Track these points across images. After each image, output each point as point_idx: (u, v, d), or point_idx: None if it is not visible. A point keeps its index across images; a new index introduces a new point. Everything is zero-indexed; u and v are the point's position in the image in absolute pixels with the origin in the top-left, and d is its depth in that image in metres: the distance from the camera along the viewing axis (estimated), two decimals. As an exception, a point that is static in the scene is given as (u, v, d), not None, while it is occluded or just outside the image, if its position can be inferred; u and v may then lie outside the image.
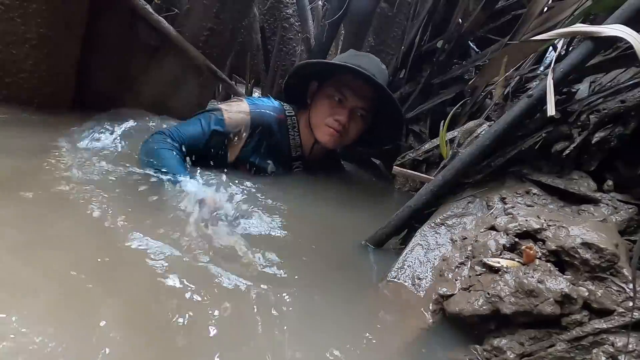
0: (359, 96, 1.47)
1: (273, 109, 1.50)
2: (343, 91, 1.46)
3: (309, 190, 1.49)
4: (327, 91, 1.49)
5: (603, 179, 0.92)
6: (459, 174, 1.01)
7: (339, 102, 1.47)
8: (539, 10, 1.45)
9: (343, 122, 1.46)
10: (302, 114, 1.56)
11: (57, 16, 1.56)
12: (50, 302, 0.65)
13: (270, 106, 1.51)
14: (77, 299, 0.67)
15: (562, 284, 0.69)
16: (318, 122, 1.50)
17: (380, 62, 1.57)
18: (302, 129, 1.55)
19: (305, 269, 0.94)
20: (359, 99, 1.47)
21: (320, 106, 1.50)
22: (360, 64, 1.44)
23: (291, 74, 1.57)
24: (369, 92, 1.47)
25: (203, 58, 1.98)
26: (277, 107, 1.52)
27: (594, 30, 0.88)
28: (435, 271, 0.89)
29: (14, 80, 1.56)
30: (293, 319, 0.76)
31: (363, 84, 1.45)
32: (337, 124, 1.46)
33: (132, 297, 0.71)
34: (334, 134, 1.47)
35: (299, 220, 1.22)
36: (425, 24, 1.86)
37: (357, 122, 1.51)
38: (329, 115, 1.47)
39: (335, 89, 1.47)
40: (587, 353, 0.66)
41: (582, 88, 1.19)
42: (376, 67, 1.51)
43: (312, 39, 2.44)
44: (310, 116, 1.53)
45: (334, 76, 1.49)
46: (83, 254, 0.80)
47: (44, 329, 0.59)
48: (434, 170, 1.42)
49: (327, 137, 1.49)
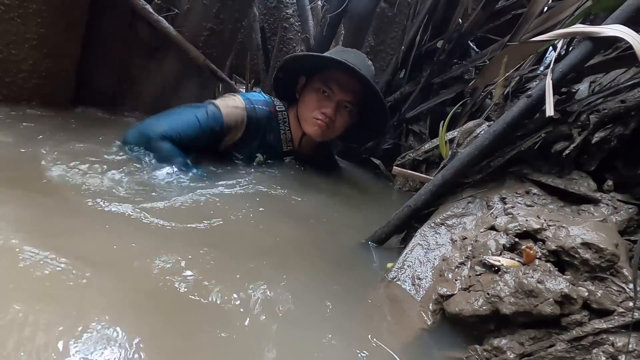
0: (346, 90, 1.51)
1: (265, 104, 1.55)
2: (330, 85, 1.50)
3: (308, 190, 1.49)
4: (315, 85, 1.53)
5: (603, 179, 0.92)
6: (458, 173, 1.01)
7: (325, 96, 1.51)
8: (539, 10, 1.45)
9: (329, 115, 1.50)
10: (291, 109, 1.61)
11: (57, 16, 1.56)
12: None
13: (263, 101, 1.55)
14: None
15: (561, 284, 0.69)
16: (306, 115, 1.54)
17: (366, 58, 1.61)
18: (292, 122, 1.60)
19: (305, 268, 0.94)
20: (345, 92, 1.51)
21: (308, 100, 1.54)
22: (347, 59, 1.47)
23: (279, 68, 1.60)
24: (355, 86, 1.51)
25: (203, 58, 1.98)
26: (268, 101, 1.57)
27: (593, 31, 0.88)
28: (435, 271, 0.89)
29: (14, 80, 1.56)
30: (292, 318, 0.76)
31: (349, 78, 1.49)
32: (323, 116, 1.50)
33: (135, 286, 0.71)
34: (322, 125, 1.51)
35: (299, 220, 1.22)
36: (425, 24, 1.86)
37: (343, 115, 1.55)
38: (316, 108, 1.51)
39: (322, 82, 1.51)
40: (587, 353, 0.66)
41: (582, 88, 1.19)
42: (362, 62, 1.55)
43: (312, 39, 2.44)
44: (299, 110, 1.58)
45: (321, 71, 1.53)
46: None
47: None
48: (434, 170, 1.42)
49: (314, 128, 1.53)
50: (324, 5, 2.89)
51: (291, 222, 1.18)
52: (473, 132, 1.31)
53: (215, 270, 0.83)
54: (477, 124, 1.35)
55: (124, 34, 1.89)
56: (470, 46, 1.98)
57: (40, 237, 0.76)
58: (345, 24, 2.42)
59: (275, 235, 1.07)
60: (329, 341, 0.74)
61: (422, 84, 1.86)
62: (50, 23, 1.55)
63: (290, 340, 0.71)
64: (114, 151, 1.35)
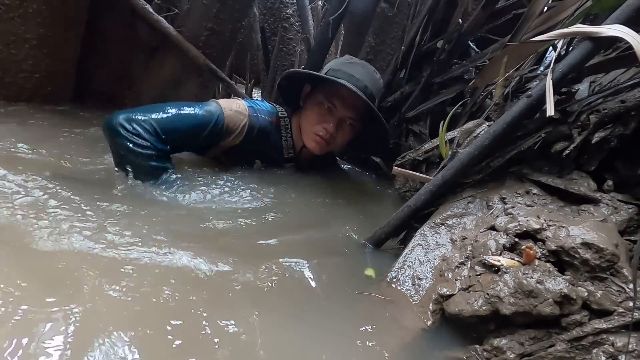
0: (348, 106, 1.47)
1: (268, 114, 1.51)
2: (333, 100, 1.47)
3: (307, 190, 1.49)
4: (318, 98, 1.50)
5: (603, 179, 0.92)
6: (458, 174, 1.01)
7: (328, 111, 1.48)
8: (539, 10, 1.44)
9: (331, 131, 1.47)
10: (295, 116, 1.58)
11: (57, 16, 1.56)
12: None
13: (266, 110, 1.52)
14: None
15: (561, 285, 0.69)
16: (307, 128, 1.51)
17: (375, 71, 1.57)
18: (295, 130, 1.57)
19: (303, 268, 0.94)
20: (348, 108, 1.48)
21: (310, 112, 1.51)
22: (354, 73, 1.45)
23: (282, 78, 1.57)
24: (359, 102, 1.46)
25: (203, 58, 1.98)
26: (271, 111, 1.53)
27: (593, 31, 0.88)
28: (435, 271, 0.89)
29: (14, 80, 1.56)
30: (292, 318, 0.76)
31: (352, 94, 1.44)
32: (324, 132, 1.47)
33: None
34: (321, 142, 1.49)
35: (298, 220, 1.22)
36: (425, 23, 1.86)
37: (345, 131, 1.52)
38: (317, 122, 1.48)
39: (325, 97, 1.48)
40: (587, 353, 0.66)
41: (582, 88, 1.18)
42: (369, 76, 1.51)
43: (312, 39, 2.44)
44: (301, 120, 1.55)
45: (325, 82, 1.49)
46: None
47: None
48: (434, 170, 1.42)
49: (314, 144, 1.51)
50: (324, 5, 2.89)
51: (290, 222, 1.18)
52: (473, 132, 1.31)
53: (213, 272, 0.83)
54: (477, 124, 1.35)
55: (124, 34, 1.90)
56: (471, 46, 1.98)
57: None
58: (345, 24, 2.41)
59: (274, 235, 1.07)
60: (329, 341, 0.74)
61: (422, 84, 1.86)
62: (50, 23, 1.55)
63: (289, 340, 0.71)
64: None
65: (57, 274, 0.71)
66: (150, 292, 0.71)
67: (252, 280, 0.83)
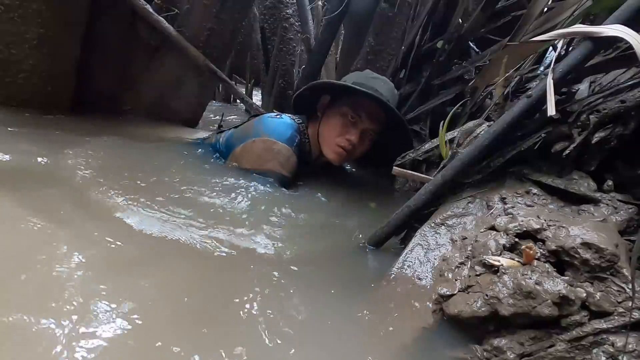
0: (373, 119, 1.50)
1: (297, 131, 1.52)
2: (358, 112, 1.48)
3: (306, 190, 1.49)
4: (342, 109, 1.51)
5: (603, 179, 0.92)
6: (458, 174, 1.01)
7: (352, 122, 1.49)
8: (539, 10, 1.45)
9: (354, 142, 1.49)
10: (311, 124, 1.59)
11: (57, 16, 1.56)
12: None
13: (293, 131, 1.51)
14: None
15: (559, 286, 0.69)
16: (329, 139, 1.52)
17: (394, 87, 1.60)
18: (311, 138, 1.58)
19: (304, 269, 0.94)
20: (372, 121, 1.50)
21: (333, 122, 1.52)
22: (378, 88, 1.47)
23: (307, 87, 1.57)
24: (382, 115, 1.51)
25: (203, 58, 1.98)
26: (294, 125, 1.53)
27: (593, 31, 0.88)
28: (435, 271, 0.89)
29: (14, 80, 1.56)
30: (291, 318, 0.76)
31: (377, 107, 1.47)
32: (347, 144, 1.49)
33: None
34: (342, 153, 1.51)
35: (298, 220, 1.22)
36: (426, 24, 1.86)
37: (365, 143, 1.54)
38: (341, 134, 1.49)
39: (350, 108, 1.49)
40: (587, 353, 0.65)
41: (582, 88, 1.18)
42: (390, 91, 1.53)
43: (312, 39, 2.44)
44: (320, 130, 1.55)
45: (349, 94, 1.50)
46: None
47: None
48: (434, 170, 1.42)
49: (335, 155, 1.52)
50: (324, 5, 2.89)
51: (290, 222, 1.18)
52: (473, 132, 1.31)
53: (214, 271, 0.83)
54: (477, 124, 1.35)
55: (124, 34, 1.89)
56: (471, 47, 1.98)
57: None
58: (345, 25, 2.41)
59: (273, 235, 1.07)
60: (329, 341, 0.73)
61: (422, 84, 1.86)
62: (50, 23, 1.55)
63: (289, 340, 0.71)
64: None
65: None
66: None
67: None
